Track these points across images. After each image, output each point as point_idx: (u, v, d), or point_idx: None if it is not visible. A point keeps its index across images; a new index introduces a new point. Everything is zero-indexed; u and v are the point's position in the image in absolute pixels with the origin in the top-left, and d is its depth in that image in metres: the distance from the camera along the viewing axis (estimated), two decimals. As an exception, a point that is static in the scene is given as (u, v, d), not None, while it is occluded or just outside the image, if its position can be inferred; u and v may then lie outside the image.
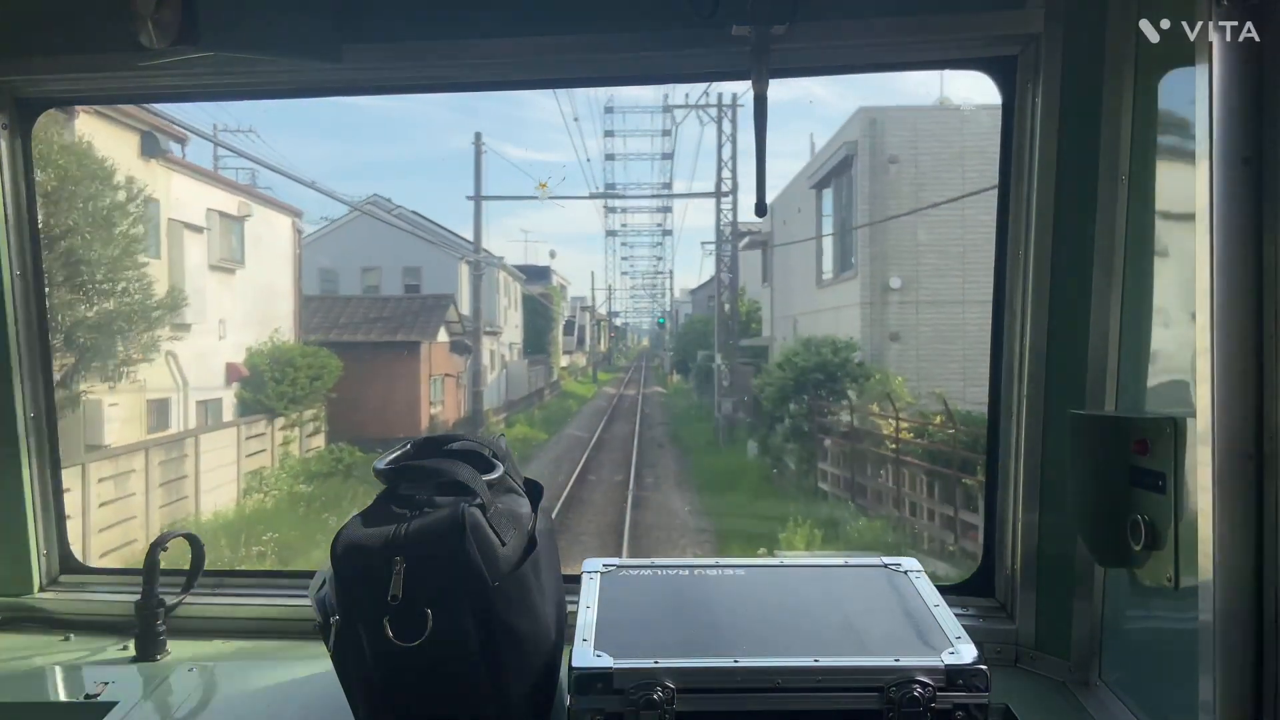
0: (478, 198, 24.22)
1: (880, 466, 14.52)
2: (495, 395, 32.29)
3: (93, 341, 12.01)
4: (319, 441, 18.79)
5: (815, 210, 22.24)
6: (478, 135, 24.61)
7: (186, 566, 2.06)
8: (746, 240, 28.09)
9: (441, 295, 26.34)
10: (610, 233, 57.85)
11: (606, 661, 1.42)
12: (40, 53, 1.98)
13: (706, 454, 22.12)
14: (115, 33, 1.72)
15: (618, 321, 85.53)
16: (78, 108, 10.53)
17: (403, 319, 24.33)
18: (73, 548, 2.30)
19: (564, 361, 52.42)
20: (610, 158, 37.77)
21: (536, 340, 42.75)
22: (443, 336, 25.17)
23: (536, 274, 46.55)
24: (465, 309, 29.04)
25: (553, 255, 61.59)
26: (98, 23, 1.89)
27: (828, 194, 21.09)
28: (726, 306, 26.82)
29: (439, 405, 24.70)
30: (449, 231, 31.58)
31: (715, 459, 21.00)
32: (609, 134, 37.49)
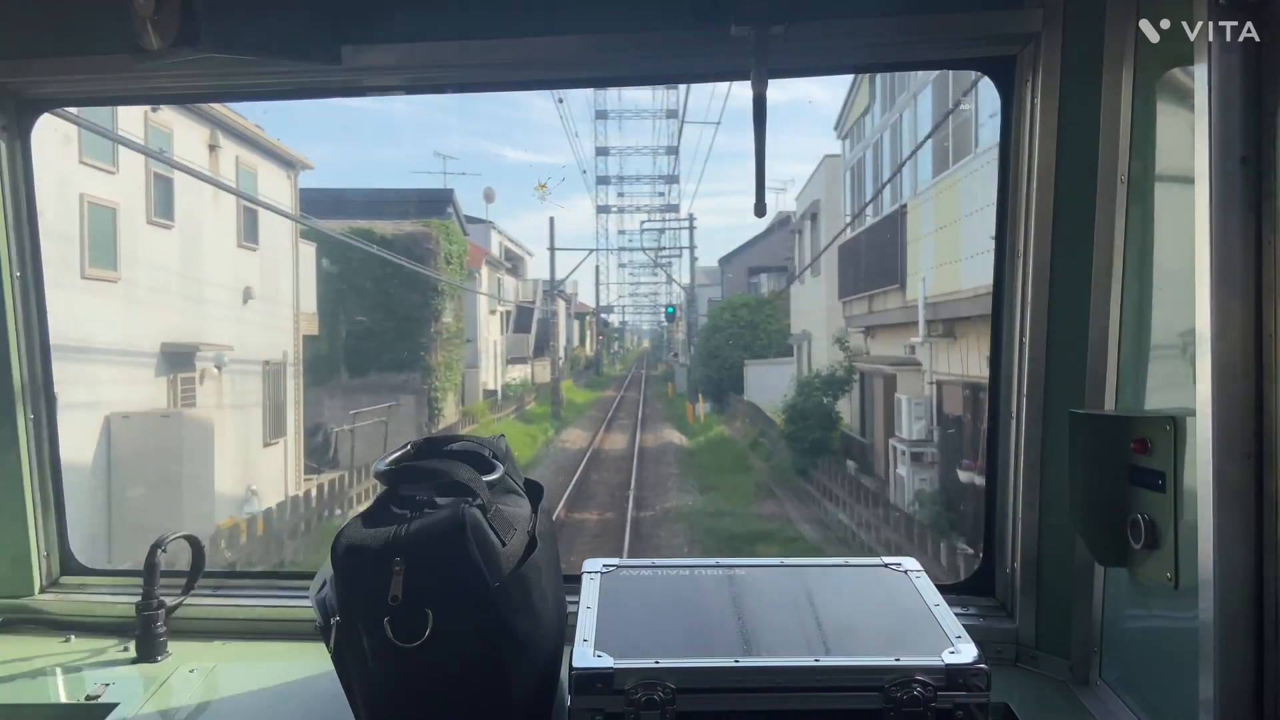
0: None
1: None
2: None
3: None
4: None
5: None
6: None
7: (186, 568, 2.07)
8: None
9: None
10: (602, 209, 47.83)
11: (607, 661, 1.42)
12: (41, 54, 1.98)
13: None
14: (115, 34, 1.72)
15: (612, 319, 68.91)
16: None
17: None
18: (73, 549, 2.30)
19: (512, 375, 33.74)
20: (602, 115, 31.22)
21: (395, 349, 21.56)
22: None
23: (419, 203, 23.87)
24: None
25: (489, 198, 37.35)
26: (98, 24, 1.89)
27: None
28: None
29: None
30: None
31: None
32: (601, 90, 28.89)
